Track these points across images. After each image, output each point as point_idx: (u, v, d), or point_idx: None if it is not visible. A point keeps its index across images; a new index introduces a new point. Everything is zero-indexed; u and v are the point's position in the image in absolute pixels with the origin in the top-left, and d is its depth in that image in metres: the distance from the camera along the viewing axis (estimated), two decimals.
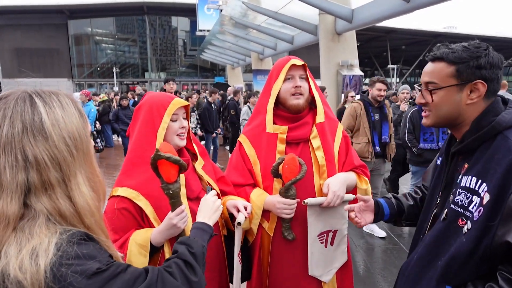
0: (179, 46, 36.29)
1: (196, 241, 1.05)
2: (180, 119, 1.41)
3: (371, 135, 3.97)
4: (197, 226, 1.17)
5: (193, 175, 1.46)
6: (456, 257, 0.97)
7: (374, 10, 7.95)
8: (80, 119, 0.81)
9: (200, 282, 0.95)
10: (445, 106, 1.05)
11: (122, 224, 1.28)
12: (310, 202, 1.51)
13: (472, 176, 1.00)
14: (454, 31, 33.82)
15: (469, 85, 1.01)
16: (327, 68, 9.51)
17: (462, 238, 0.97)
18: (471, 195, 0.98)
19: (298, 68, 1.64)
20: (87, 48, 34.52)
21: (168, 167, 1.16)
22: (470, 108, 1.04)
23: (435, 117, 1.09)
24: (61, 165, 0.75)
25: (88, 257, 0.73)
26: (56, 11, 30.85)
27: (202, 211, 1.24)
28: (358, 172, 1.73)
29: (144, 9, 32.51)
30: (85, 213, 0.77)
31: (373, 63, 38.45)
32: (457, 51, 1.02)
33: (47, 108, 0.76)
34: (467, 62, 1.00)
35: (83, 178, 0.79)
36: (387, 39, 31.61)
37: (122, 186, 1.32)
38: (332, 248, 1.63)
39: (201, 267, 0.99)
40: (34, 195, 0.73)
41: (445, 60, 1.03)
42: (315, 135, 1.65)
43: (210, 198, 1.27)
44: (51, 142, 0.74)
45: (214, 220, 1.23)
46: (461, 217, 0.99)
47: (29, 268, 0.66)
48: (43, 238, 0.70)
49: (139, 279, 0.82)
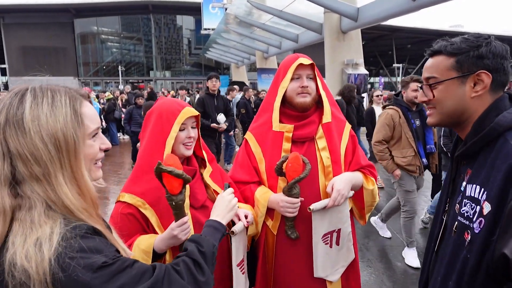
0: (184, 44, 36.37)
1: (207, 240, 1.03)
2: (189, 128, 1.41)
3: (416, 145, 3.36)
4: (210, 224, 1.14)
5: (199, 183, 1.45)
6: (463, 275, 0.90)
7: (380, 8, 7.90)
8: (71, 121, 0.78)
9: (207, 282, 0.93)
10: (448, 101, 0.98)
11: (127, 228, 1.29)
12: (315, 208, 1.50)
13: (476, 184, 0.92)
14: (461, 29, 33.54)
15: (472, 77, 0.94)
16: (332, 67, 9.48)
17: (465, 253, 0.90)
18: (475, 205, 0.90)
19: (305, 67, 1.62)
20: (92, 46, 34.72)
21: (171, 180, 1.17)
22: (475, 102, 0.96)
23: (439, 114, 1.01)
24: (39, 161, 0.75)
25: (94, 251, 0.74)
26: (62, 10, 31.05)
27: (217, 208, 1.22)
28: (365, 172, 1.71)
29: (149, 8, 32.61)
30: (73, 209, 0.77)
31: (378, 62, 38.25)
32: (455, 42, 0.96)
33: (33, 104, 0.76)
34: (467, 52, 0.94)
35: (66, 180, 0.77)
36: (392, 37, 31.43)
37: (129, 192, 1.34)
38: (337, 248, 1.62)
39: (210, 266, 0.98)
40: (27, 185, 0.75)
41: (443, 52, 0.98)
42: (321, 135, 1.65)
43: (226, 197, 1.25)
44: (28, 138, 0.74)
45: (228, 219, 1.21)
46: (466, 230, 0.92)
47: (34, 257, 0.68)
48: (45, 227, 0.72)
49: (146, 275, 0.81)
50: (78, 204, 0.78)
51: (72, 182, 0.78)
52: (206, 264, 0.96)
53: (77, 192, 0.79)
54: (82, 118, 0.80)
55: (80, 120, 0.79)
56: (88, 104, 0.86)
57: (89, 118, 0.83)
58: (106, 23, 34.53)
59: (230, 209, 1.23)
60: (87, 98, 0.88)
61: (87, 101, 0.87)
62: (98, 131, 0.87)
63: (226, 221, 1.19)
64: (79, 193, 0.79)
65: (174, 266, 0.91)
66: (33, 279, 0.67)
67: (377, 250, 3.78)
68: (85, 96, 0.87)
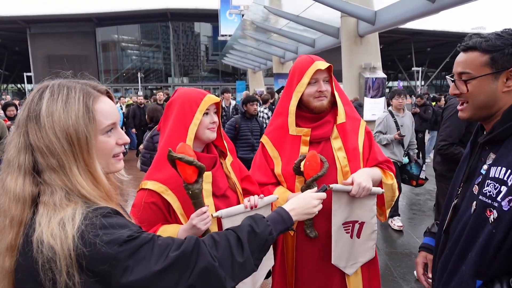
0: (201, 51, 36.88)
1: (267, 226, 0.98)
2: (211, 114, 1.44)
3: None
4: (280, 212, 1.07)
5: (220, 172, 1.46)
6: (487, 249, 0.96)
7: (398, 11, 7.81)
8: (83, 117, 0.81)
9: (244, 265, 0.89)
10: (481, 95, 1.02)
11: (149, 218, 1.32)
12: (335, 188, 1.49)
13: (502, 166, 0.98)
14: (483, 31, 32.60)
15: (505, 73, 0.99)
16: (349, 71, 9.41)
17: (491, 229, 0.95)
18: (499, 185, 0.96)
19: (322, 71, 1.62)
20: (113, 54, 35.69)
21: (184, 168, 1.17)
22: (506, 96, 1.01)
23: (472, 107, 1.06)
24: (54, 154, 0.79)
25: (117, 227, 0.77)
26: (85, 19, 32.12)
27: (297, 203, 1.15)
28: (383, 167, 1.71)
29: (168, 16, 33.30)
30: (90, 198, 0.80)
31: (396, 65, 37.63)
32: (490, 39, 1.00)
33: (49, 100, 0.81)
34: (502, 49, 0.97)
35: (80, 171, 0.80)
36: (411, 41, 30.86)
37: (152, 179, 1.36)
38: (358, 241, 1.61)
39: (256, 251, 0.92)
40: (47, 174, 0.80)
41: (478, 49, 1.01)
42: (336, 135, 1.65)
43: (314, 200, 1.20)
44: (44, 132, 0.79)
45: (300, 219, 1.16)
46: (488, 208, 0.98)
47: (59, 234, 0.73)
48: (67, 209, 0.77)
49: (173, 247, 0.82)
50: (94, 193, 0.82)
51: (86, 174, 0.82)
52: (250, 245, 0.91)
53: (92, 182, 0.82)
54: (94, 114, 0.83)
55: (91, 116, 0.83)
56: (104, 100, 0.88)
57: (102, 114, 0.85)
58: (126, 31, 35.46)
59: (307, 212, 1.17)
60: (104, 93, 0.90)
61: (105, 96, 0.89)
62: (114, 126, 0.88)
63: (297, 220, 1.13)
64: (95, 183, 0.83)
65: (213, 235, 0.91)
66: (59, 255, 0.72)
67: (395, 254, 3.71)
68: (103, 92, 0.89)
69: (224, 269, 0.86)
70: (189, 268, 0.82)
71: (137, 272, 0.75)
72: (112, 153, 0.88)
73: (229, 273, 0.87)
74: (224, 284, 0.86)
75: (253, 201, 1.37)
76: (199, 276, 0.82)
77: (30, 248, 0.74)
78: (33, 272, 0.73)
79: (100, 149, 0.85)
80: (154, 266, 0.77)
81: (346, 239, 1.59)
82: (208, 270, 0.83)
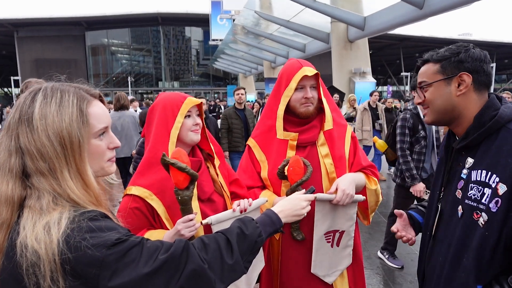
0: (192, 55, 36.92)
1: (256, 227, 0.98)
2: (194, 116, 1.43)
3: None
4: (269, 214, 1.08)
5: (206, 175, 1.45)
6: (483, 251, 1.00)
7: (387, 17, 7.93)
8: (77, 120, 0.80)
9: (234, 267, 0.89)
10: (438, 99, 1.14)
11: (134, 223, 1.29)
12: (319, 197, 1.49)
13: (482, 169, 1.05)
14: (469, 38, 33.37)
15: (455, 79, 1.10)
16: (339, 76, 9.50)
17: (483, 231, 1.00)
18: (482, 188, 1.04)
19: (309, 78, 1.62)
20: (103, 58, 35.49)
21: (176, 173, 1.16)
22: (462, 100, 1.11)
23: (433, 112, 1.17)
24: (45, 158, 0.77)
25: (106, 229, 0.75)
26: (74, 23, 31.90)
27: (286, 205, 1.16)
28: (367, 172, 1.72)
29: (158, 20, 33.28)
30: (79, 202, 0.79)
31: (386, 70, 38.20)
32: (440, 52, 1.15)
33: (42, 103, 0.79)
34: (449, 58, 1.11)
35: (71, 175, 0.79)
36: (400, 46, 31.42)
37: (136, 185, 1.35)
38: (338, 249, 1.62)
39: (246, 254, 0.93)
40: (35, 178, 0.78)
41: (430, 60, 1.16)
42: (323, 142, 1.66)
43: (303, 202, 1.20)
44: (36, 135, 0.77)
45: (288, 221, 1.15)
46: (475, 210, 1.04)
47: (43, 239, 0.71)
48: (53, 213, 0.75)
49: (162, 250, 0.81)
50: (84, 198, 0.80)
51: (77, 178, 0.81)
52: (239, 247, 0.91)
53: (82, 187, 0.81)
54: (88, 117, 0.83)
55: (85, 120, 0.82)
56: (97, 104, 0.87)
57: (95, 118, 0.85)
58: (116, 35, 35.31)
59: (296, 214, 1.17)
60: (97, 97, 0.89)
61: (97, 100, 0.89)
62: (105, 130, 0.88)
63: (286, 221, 1.13)
64: (85, 188, 0.81)
65: (203, 238, 0.90)
66: (43, 260, 0.70)
67: (392, 271, 3.72)
68: (96, 96, 0.89)
69: (213, 271, 0.85)
70: (179, 271, 0.81)
71: (126, 275, 0.74)
72: (105, 157, 0.88)
73: (219, 275, 0.86)
74: (214, 286, 0.85)
75: (242, 205, 1.35)
76: (188, 278, 0.81)
77: (14, 252, 0.72)
78: (17, 276, 0.71)
79: (92, 153, 0.84)
80: (143, 269, 0.76)
81: (327, 248, 1.59)
82: (197, 273, 0.83)
